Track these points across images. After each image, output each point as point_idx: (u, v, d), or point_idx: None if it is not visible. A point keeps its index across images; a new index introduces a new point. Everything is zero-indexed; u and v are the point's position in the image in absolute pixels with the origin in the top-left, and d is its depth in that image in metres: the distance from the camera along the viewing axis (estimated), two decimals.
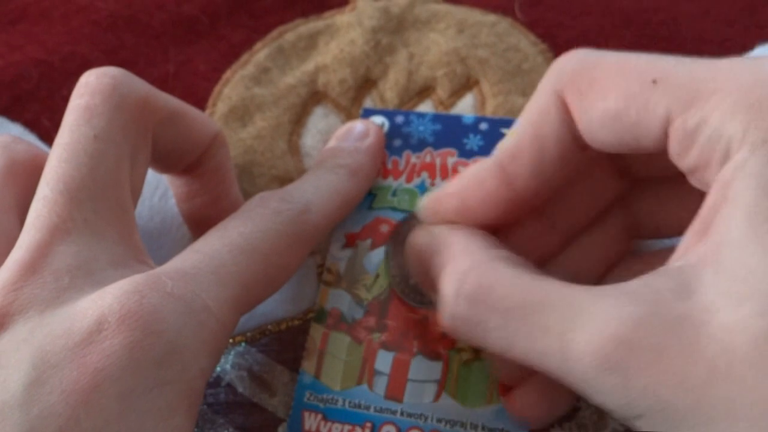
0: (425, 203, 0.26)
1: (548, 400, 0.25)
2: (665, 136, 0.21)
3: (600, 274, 0.26)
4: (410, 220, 0.27)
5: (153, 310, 0.21)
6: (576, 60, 0.23)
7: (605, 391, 0.19)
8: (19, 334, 0.21)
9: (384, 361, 0.27)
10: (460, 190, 0.25)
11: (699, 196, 0.21)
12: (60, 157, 0.23)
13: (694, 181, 0.21)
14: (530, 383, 0.25)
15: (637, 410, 0.19)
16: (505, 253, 0.23)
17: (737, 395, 0.17)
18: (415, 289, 0.27)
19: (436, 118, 0.31)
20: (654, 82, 0.21)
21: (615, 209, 0.26)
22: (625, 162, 0.25)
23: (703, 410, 0.17)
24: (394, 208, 0.30)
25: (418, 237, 0.25)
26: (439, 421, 0.26)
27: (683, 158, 0.21)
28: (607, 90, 0.21)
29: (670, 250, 0.21)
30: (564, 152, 0.23)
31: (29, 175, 0.25)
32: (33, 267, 0.22)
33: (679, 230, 0.21)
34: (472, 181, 0.24)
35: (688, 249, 0.20)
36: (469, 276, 0.22)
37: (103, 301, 0.21)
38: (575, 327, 0.19)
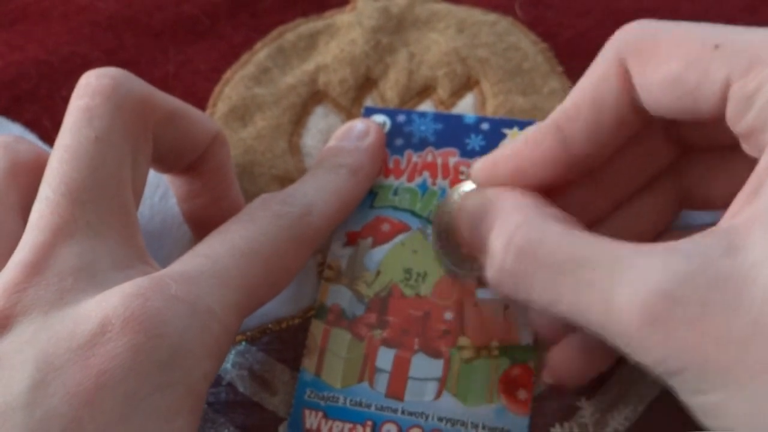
0: (480, 166, 0.26)
1: (584, 358, 0.25)
2: (723, 101, 0.21)
3: (648, 239, 0.26)
4: (458, 191, 0.27)
5: (157, 313, 0.21)
6: (639, 28, 0.23)
7: (646, 345, 0.19)
8: (22, 336, 0.21)
9: (385, 358, 0.27)
10: (516, 152, 0.25)
11: (750, 167, 0.21)
12: (61, 159, 0.23)
13: (747, 147, 0.21)
14: (568, 340, 0.25)
15: (676, 366, 0.19)
16: (556, 212, 0.23)
17: None
18: (463, 259, 0.27)
19: (437, 117, 0.31)
20: (715, 47, 0.21)
21: (666, 177, 0.26)
22: (679, 129, 0.25)
23: (743, 366, 0.18)
24: (395, 207, 0.30)
25: (471, 200, 0.25)
26: (440, 419, 0.26)
27: (739, 122, 0.21)
28: (670, 55, 0.22)
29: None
30: (621, 117, 0.23)
31: (32, 175, 0.25)
32: (36, 268, 0.22)
33: (728, 202, 0.21)
34: (529, 143, 0.25)
35: (739, 210, 0.20)
36: (519, 231, 0.22)
37: (107, 304, 0.21)
38: (620, 281, 0.19)
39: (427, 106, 0.33)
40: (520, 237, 0.22)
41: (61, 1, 0.36)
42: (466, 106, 0.32)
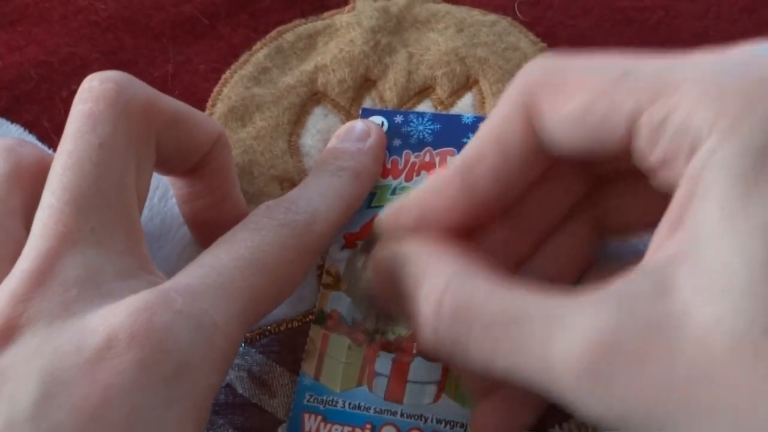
0: (383, 217, 0.25)
1: (509, 412, 0.25)
2: (630, 134, 0.20)
3: (574, 275, 0.26)
4: (371, 242, 0.25)
5: (163, 328, 0.21)
6: (542, 65, 0.22)
7: (587, 399, 0.18)
8: (27, 347, 0.21)
9: (384, 363, 0.27)
10: (419, 201, 0.24)
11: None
12: (65, 166, 0.23)
13: (658, 181, 0.20)
14: (495, 397, 0.25)
15: (619, 418, 0.18)
16: (479, 264, 0.22)
17: (718, 396, 0.17)
18: (381, 314, 0.26)
19: (435, 117, 0.31)
20: (621, 77, 0.20)
21: (581, 209, 0.25)
22: (589, 162, 0.24)
23: (685, 413, 0.17)
24: None
25: (382, 256, 0.24)
26: (439, 422, 0.26)
27: (649, 155, 0.20)
28: (573, 91, 0.21)
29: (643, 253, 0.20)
30: (526, 159, 0.22)
31: (35, 178, 0.25)
32: (40, 278, 0.21)
33: (646, 225, 0.20)
34: (430, 191, 0.24)
35: (661, 246, 0.19)
36: (447, 294, 0.21)
37: (113, 318, 0.21)
38: (555, 336, 0.19)
39: (426, 106, 0.33)
40: (449, 300, 0.21)
41: (60, 1, 0.36)
42: (465, 106, 0.32)
